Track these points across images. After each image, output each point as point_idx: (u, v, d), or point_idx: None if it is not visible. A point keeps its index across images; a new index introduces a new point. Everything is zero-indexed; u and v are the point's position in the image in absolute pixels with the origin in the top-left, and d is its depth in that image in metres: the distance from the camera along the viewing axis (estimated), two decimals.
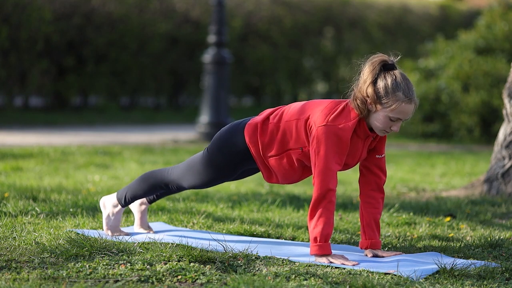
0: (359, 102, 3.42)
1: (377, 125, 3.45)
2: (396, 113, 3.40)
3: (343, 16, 18.06)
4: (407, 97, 3.40)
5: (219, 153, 3.67)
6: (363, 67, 3.50)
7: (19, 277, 3.07)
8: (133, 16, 14.41)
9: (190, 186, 3.78)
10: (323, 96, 19.34)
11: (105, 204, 3.99)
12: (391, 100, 3.39)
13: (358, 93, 3.44)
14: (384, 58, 3.47)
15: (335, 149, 3.42)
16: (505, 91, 5.35)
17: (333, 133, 3.41)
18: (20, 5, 13.04)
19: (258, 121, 3.63)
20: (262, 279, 3.06)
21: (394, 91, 3.40)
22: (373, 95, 3.41)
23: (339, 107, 3.48)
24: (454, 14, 20.15)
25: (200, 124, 10.53)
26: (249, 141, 3.61)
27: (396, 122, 3.43)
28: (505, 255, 3.65)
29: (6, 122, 12.22)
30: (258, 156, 3.61)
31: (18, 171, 6.45)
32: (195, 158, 3.76)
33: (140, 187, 3.88)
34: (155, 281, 3.07)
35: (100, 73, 14.19)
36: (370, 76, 3.43)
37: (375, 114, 3.44)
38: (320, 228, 3.42)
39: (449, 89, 11.00)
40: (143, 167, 7.10)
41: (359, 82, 3.48)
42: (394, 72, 3.45)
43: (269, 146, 3.58)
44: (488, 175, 5.42)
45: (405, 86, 3.41)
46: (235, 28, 15.57)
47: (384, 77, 3.43)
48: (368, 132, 3.49)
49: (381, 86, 3.41)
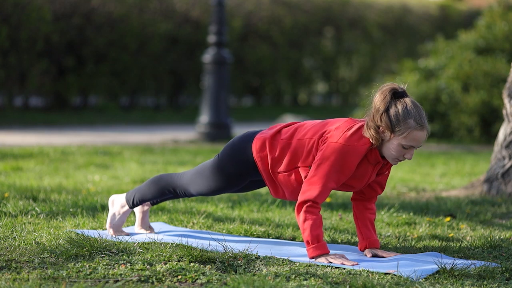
0: (373, 131, 3.42)
1: (390, 154, 3.46)
2: (408, 140, 3.41)
3: (343, 16, 18.07)
4: (419, 124, 3.40)
5: (229, 161, 3.67)
6: (374, 96, 3.49)
7: (19, 277, 3.06)
8: (133, 16, 14.42)
9: (198, 192, 3.79)
10: (323, 96, 19.36)
11: (114, 203, 4.01)
12: (403, 128, 3.40)
13: (371, 122, 3.44)
14: (394, 86, 3.48)
15: (338, 168, 3.43)
16: (505, 91, 5.35)
17: (343, 153, 3.41)
18: (20, 5, 13.05)
19: (267, 136, 3.61)
20: (262, 279, 3.06)
21: (405, 119, 3.40)
22: (386, 123, 3.41)
23: (355, 125, 3.48)
24: (454, 14, 20.15)
25: (200, 124, 10.53)
26: (256, 155, 3.61)
27: (409, 150, 3.44)
28: (505, 255, 3.65)
29: (6, 122, 12.22)
30: (265, 171, 3.62)
31: (18, 171, 6.45)
32: (206, 164, 3.76)
33: (149, 190, 3.89)
34: (155, 281, 3.07)
35: (100, 73, 14.20)
36: (381, 104, 3.43)
37: (388, 143, 3.44)
38: (308, 231, 3.44)
39: (449, 89, 10.99)
40: (143, 167, 7.11)
41: (371, 111, 3.47)
42: (405, 99, 3.45)
43: (278, 162, 3.58)
44: (488, 175, 5.42)
45: (416, 113, 3.41)
46: (235, 28, 15.58)
47: (395, 105, 3.44)
48: (379, 159, 3.50)
49: (393, 114, 3.41)
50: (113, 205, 4.01)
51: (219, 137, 10.39)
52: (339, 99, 19.40)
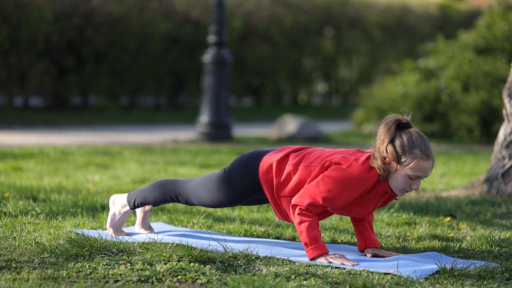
0: (379, 162, 3.42)
1: (397, 185, 3.45)
2: (415, 171, 3.41)
3: (343, 16, 18.07)
4: (425, 154, 3.40)
5: (235, 178, 3.67)
6: (379, 128, 3.49)
7: (19, 277, 3.06)
8: (133, 16, 14.42)
9: (199, 203, 3.80)
10: (323, 96, 19.36)
11: (115, 202, 4.01)
12: (409, 158, 3.40)
13: (377, 153, 3.44)
14: (398, 117, 3.49)
15: (338, 192, 3.43)
16: (505, 91, 5.35)
17: (349, 181, 3.41)
18: (20, 5, 13.05)
19: (275, 159, 3.60)
20: (262, 279, 3.06)
21: (411, 149, 3.40)
22: (392, 154, 3.41)
23: (364, 156, 3.48)
24: (454, 14, 20.15)
25: (200, 124, 10.53)
26: (261, 176, 3.61)
27: (416, 180, 3.44)
28: (505, 255, 3.65)
29: (6, 122, 12.22)
30: (270, 193, 3.62)
31: (18, 171, 6.45)
32: (211, 176, 3.76)
33: (152, 194, 3.89)
34: (155, 281, 3.07)
35: (100, 73, 14.20)
36: (386, 136, 3.44)
37: (394, 174, 3.44)
38: (305, 233, 3.46)
39: (449, 89, 10.99)
40: (143, 167, 7.11)
41: (376, 143, 3.47)
42: (409, 130, 3.46)
43: (283, 187, 3.58)
44: (488, 175, 5.42)
45: (421, 143, 3.42)
46: (235, 28, 15.57)
47: (400, 136, 3.44)
48: (387, 189, 3.50)
49: (398, 145, 3.42)
50: (114, 204, 4.01)
51: (219, 137, 10.39)
52: (339, 99, 19.40)
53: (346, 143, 10.70)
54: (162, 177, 6.37)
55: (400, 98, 11.52)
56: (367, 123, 12.53)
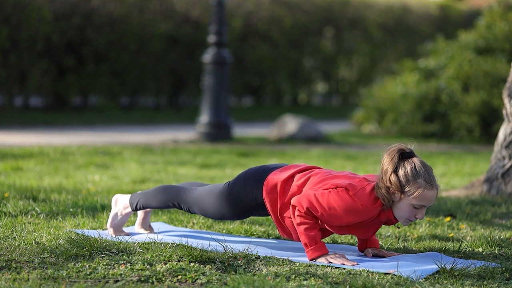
0: (384, 191, 3.42)
1: (401, 214, 3.45)
2: (419, 200, 3.41)
3: (343, 16, 18.06)
4: (428, 183, 3.40)
5: (239, 193, 3.66)
6: (382, 158, 3.49)
7: (19, 277, 3.06)
8: (133, 16, 14.42)
9: (201, 213, 3.80)
10: (323, 96, 19.36)
11: (117, 202, 4.01)
12: (413, 188, 3.39)
13: (381, 183, 3.43)
14: (401, 146, 3.49)
15: (337, 215, 3.42)
16: (505, 91, 5.35)
17: (353, 207, 3.40)
18: (20, 5, 13.05)
19: (280, 180, 3.59)
20: (262, 279, 3.06)
21: (415, 178, 3.40)
22: (395, 184, 3.41)
23: (369, 185, 3.46)
24: (454, 14, 20.15)
25: (200, 124, 10.53)
26: (265, 195, 3.60)
27: (421, 210, 3.44)
28: (505, 255, 3.65)
29: (6, 122, 12.22)
30: (274, 213, 3.61)
31: (18, 171, 6.45)
32: (215, 188, 3.74)
33: (155, 198, 3.89)
34: (155, 281, 3.07)
35: (100, 73, 14.19)
36: (390, 165, 3.43)
37: (398, 204, 3.44)
38: (304, 234, 3.46)
39: (449, 89, 11.00)
40: (143, 167, 7.11)
41: (380, 173, 3.47)
42: (413, 159, 3.46)
43: (287, 207, 3.57)
44: (488, 175, 5.42)
45: (425, 172, 3.41)
46: (235, 28, 15.58)
47: (403, 165, 3.44)
48: (391, 218, 3.50)
49: (402, 174, 3.41)
50: (116, 204, 4.01)
51: (219, 137, 10.39)
52: (339, 99, 19.40)
53: (346, 143, 10.70)
54: (162, 176, 6.37)
55: (400, 98, 11.52)
56: (367, 123, 12.53)
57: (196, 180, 6.23)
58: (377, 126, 12.31)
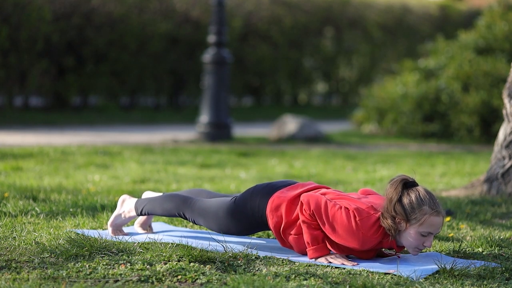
0: (390, 221, 3.42)
1: (409, 243, 3.45)
2: (425, 227, 3.41)
3: (343, 16, 18.06)
4: (434, 209, 3.41)
5: (244, 211, 3.67)
6: (386, 188, 3.50)
7: (19, 277, 3.07)
8: (133, 16, 14.41)
9: (206, 226, 3.82)
10: (323, 96, 19.35)
11: (124, 204, 4.02)
12: (419, 215, 3.40)
13: (386, 213, 3.43)
14: (404, 177, 3.50)
15: (339, 233, 3.43)
16: (505, 91, 5.35)
17: (354, 233, 3.40)
18: (20, 5, 13.04)
19: (286, 199, 3.59)
20: (262, 279, 3.06)
21: (420, 206, 3.41)
22: (400, 213, 3.41)
23: (375, 215, 3.45)
24: (454, 14, 20.15)
25: (200, 124, 10.53)
26: (269, 212, 3.60)
27: (428, 237, 3.44)
28: (505, 255, 3.65)
29: (6, 122, 12.22)
30: (276, 229, 3.61)
31: (18, 171, 6.45)
32: (222, 203, 3.74)
33: (161, 206, 3.89)
34: (155, 281, 3.07)
35: (100, 73, 14.19)
36: (394, 195, 3.44)
37: (405, 233, 3.44)
38: (308, 233, 3.48)
39: (449, 89, 11.00)
40: (143, 167, 7.11)
41: (385, 203, 3.47)
42: (417, 188, 3.47)
43: (292, 225, 3.57)
44: (488, 175, 5.42)
45: (429, 200, 3.43)
46: (235, 28, 15.57)
47: (407, 194, 3.45)
48: (394, 247, 3.51)
49: (407, 202, 3.42)
50: (122, 205, 4.02)
51: (219, 137, 10.39)
52: (339, 99, 19.39)
53: (346, 143, 10.70)
54: (162, 176, 6.37)
55: (400, 98, 11.52)
56: (367, 123, 12.53)
57: (196, 180, 6.23)
58: (377, 126, 12.31)
